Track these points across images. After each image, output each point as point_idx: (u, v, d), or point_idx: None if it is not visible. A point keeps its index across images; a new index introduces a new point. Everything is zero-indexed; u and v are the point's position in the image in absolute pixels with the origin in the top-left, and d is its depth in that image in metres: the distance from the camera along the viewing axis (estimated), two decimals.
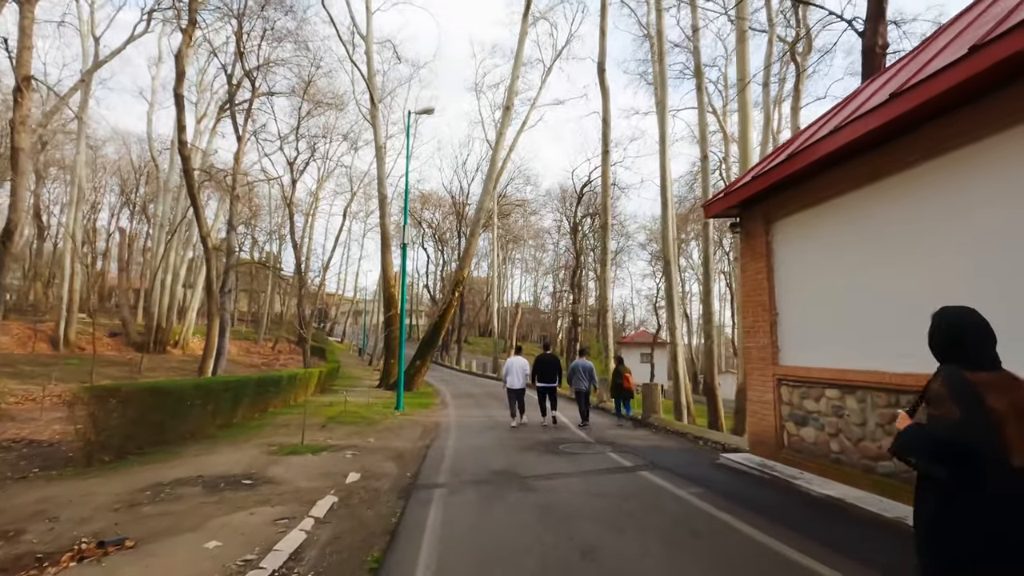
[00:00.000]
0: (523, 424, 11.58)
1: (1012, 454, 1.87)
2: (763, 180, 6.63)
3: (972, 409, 1.95)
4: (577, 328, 39.67)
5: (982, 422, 1.92)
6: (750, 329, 7.40)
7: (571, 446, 9.18)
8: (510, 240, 57.20)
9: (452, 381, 29.25)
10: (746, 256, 7.51)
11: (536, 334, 72.19)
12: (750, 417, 7.34)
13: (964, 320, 2.18)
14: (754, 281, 7.31)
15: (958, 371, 2.06)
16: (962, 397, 1.98)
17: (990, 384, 1.99)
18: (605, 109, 20.39)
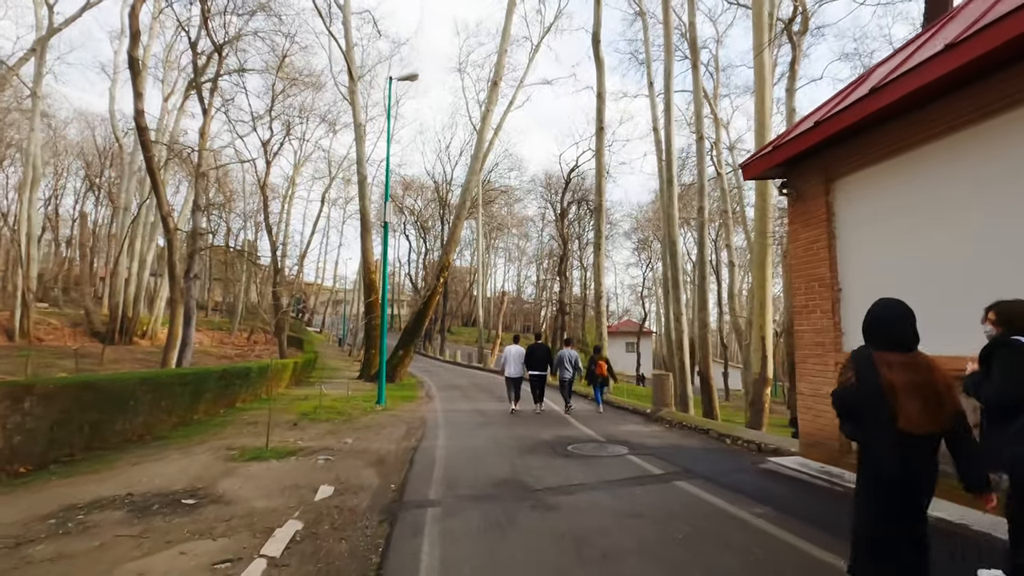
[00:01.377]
0: (518, 411, 11.80)
1: (899, 418, 2.47)
2: (828, 126, 5.37)
3: (865, 379, 2.57)
4: (564, 317, 38.50)
5: (874, 390, 2.52)
6: (802, 309, 6.17)
7: (581, 446, 7.91)
8: (494, 228, 55.74)
9: (436, 372, 27.88)
10: (797, 222, 6.26)
11: (520, 324, 71.04)
12: (803, 414, 6.12)
13: (886, 310, 2.73)
14: (808, 252, 6.07)
15: (867, 350, 2.68)
16: (860, 370, 2.60)
17: (895, 363, 2.55)
18: (600, 83, 19.06)
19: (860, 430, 2.65)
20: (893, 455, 2.49)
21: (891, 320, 2.68)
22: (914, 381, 2.49)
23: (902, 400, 2.45)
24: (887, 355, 2.57)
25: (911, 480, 2.50)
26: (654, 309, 58.45)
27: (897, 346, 2.62)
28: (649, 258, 49.72)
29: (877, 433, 2.53)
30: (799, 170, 6.16)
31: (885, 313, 2.71)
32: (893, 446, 2.48)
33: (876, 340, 2.68)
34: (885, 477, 2.53)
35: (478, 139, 22.32)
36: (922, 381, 2.50)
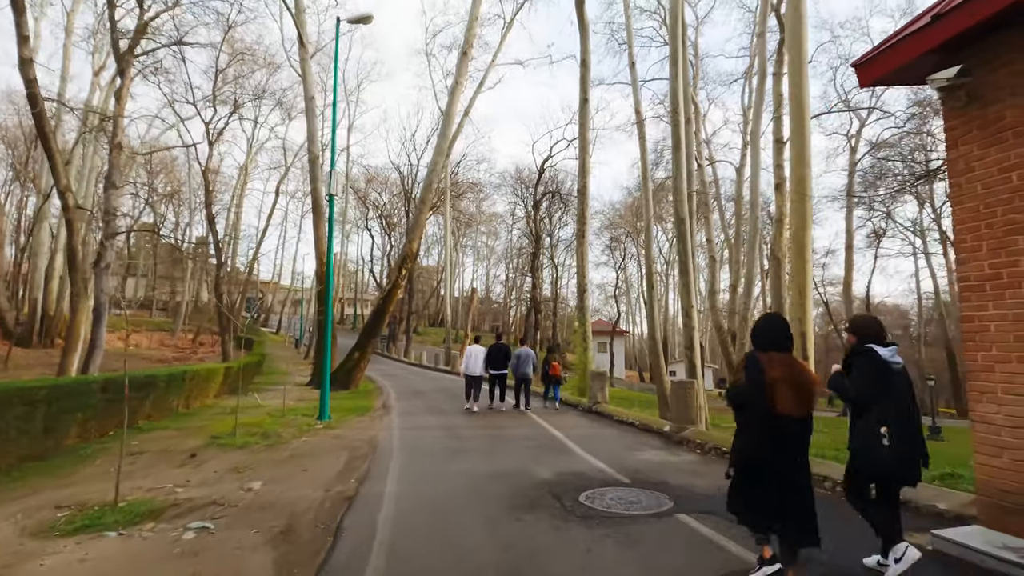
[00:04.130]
0: (474, 411, 11.78)
1: (775, 405, 3.07)
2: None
3: (752, 377, 3.16)
4: (537, 315, 35.93)
5: (759, 384, 3.12)
6: (985, 282, 3.66)
7: (601, 495, 5.22)
8: (462, 225, 52.80)
9: (399, 376, 24.88)
10: (973, 140, 3.76)
11: (489, 324, 68.31)
12: (987, 457, 3.62)
13: (769, 321, 3.43)
14: (1003, 185, 3.57)
15: (754, 352, 3.28)
16: (749, 369, 3.20)
17: (775, 361, 3.18)
18: (584, 49, 16.55)
19: (745, 415, 3.25)
20: (763, 432, 3.11)
21: (773, 328, 3.37)
22: (789, 375, 3.14)
23: (779, 390, 3.08)
24: (770, 355, 3.21)
25: (784, 454, 3.11)
26: (624, 309, 56.61)
27: (776, 348, 3.27)
28: (622, 257, 47.70)
29: (758, 415, 3.12)
30: (980, 53, 3.66)
31: (768, 323, 3.42)
32: (769, 427, 3.09)
33: (762, 344, 3.31)
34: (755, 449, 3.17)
35: (445, 117, 19.51)
36: (794, 375, 3.16)
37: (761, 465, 3.13)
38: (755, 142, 21.93)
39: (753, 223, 22.02)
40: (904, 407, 3.25)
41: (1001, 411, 3.56)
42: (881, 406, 3.22)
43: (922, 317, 44.26)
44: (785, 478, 3.11)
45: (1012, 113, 3.53)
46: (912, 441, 3.22)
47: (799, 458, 3.17)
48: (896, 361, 3.32)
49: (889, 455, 3.17)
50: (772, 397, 3.06)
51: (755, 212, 21.32)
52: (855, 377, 3.36)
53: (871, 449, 3.22)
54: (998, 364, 3.58)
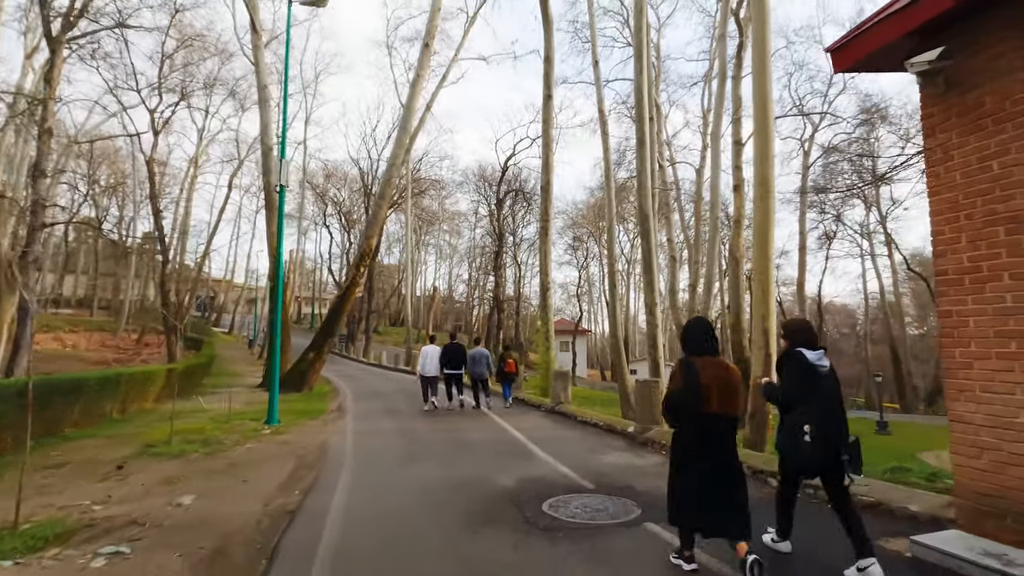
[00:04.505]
0: (431, 410, 11.86)
1: (708, 405, 3.32)
2: None
3: (688, 380, 3.38)
4: (500, 314, 35.58)
5: (695, 386, 3.35)
6: (964, 275, 3.51)
7: (565, 504, 4.89)
8: (424, 223, 51.94)
9: (357, 377, 24.10)
10: (952, 127, 3.59)
11: (451, 323, 67.59)
12: (966, 457, 3.46)
13: (696, 326, 3.69)
14: (982, 173, 3.41)
15: (687, 358, 3.51)
16: (685, 374, 3.42)
17: (704, 364, 3.42)
18: (548, 45, 16.29)
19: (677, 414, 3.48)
20: (695, 429, 3.37)
21: (700, 332, 3.62)
22: (719, 376, 3.38)
23: (712, 391, 3.32)
24: (701, 359, 3.46)
25: (714, 449, 3.35)
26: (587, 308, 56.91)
27: (704, 351, 3.52)
28: (584, 256, 47.86)
29: (693, 417, 3.36)
30: (959, 36, 3.50)
31: (696, 328, 3.68)
32: (698, 424, 3.36)
33: (692, 348, 3.55)
34: (688, 445, 3.42)
35: (406, 110, 18.91)
36: (723, 377, 3.40)
37: (696, 463, 3.34)
38: (715, 144, 22.18)
39: (713, 223, 22.27)
40: (829, 407, 3.40)
41: (980, 410, 3.40)
42: (806, 406, 3.39)
43: (868, 316, 46.10)
44: (717, 474, 3.33)
45: (992, 99, 3.38)
46: (834, 439, 3.37)
47: (729, 454, 3.42)
48: (823, 364, 3.50)
49: (811, 452, 3.34)
50: (707, 398, 3.31)
51: (715, 212, 21.56)
52: (783, 378, 3.60)
53: (795, 446, 3.41)
54: (977, 361, 3.43)
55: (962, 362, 3.50)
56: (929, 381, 41.62)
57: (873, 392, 36.37)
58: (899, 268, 39.54)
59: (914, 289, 43.87)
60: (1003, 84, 3.32)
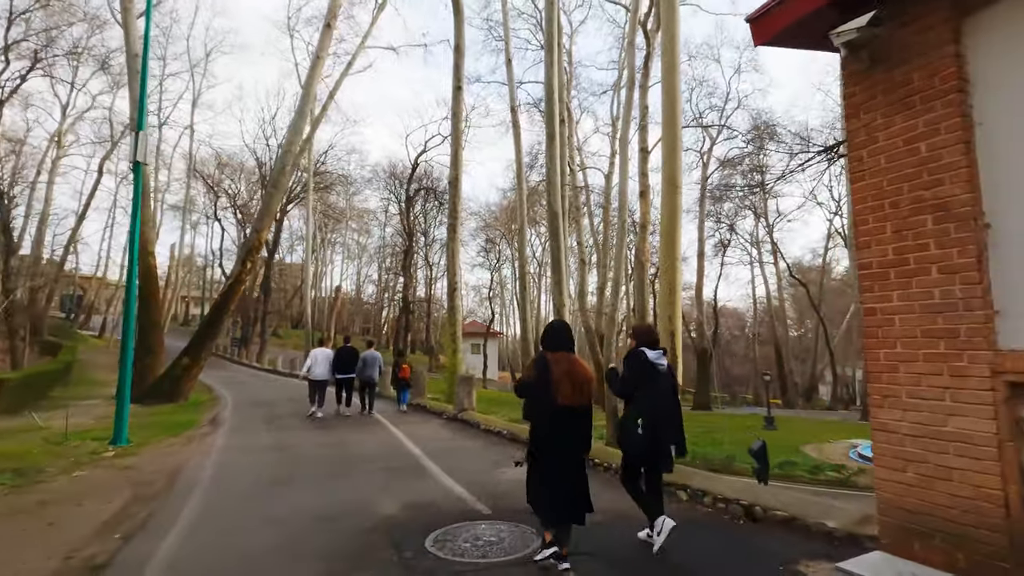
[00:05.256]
0: (320, 417, 11.29)
1: (558, 397, 3.46)
2: None
3: (540, 372, 3.55)
4: (409, 316, 34.17)
5: (546, 380, 3.50)
6: (890, 268, 3.17)
7: (454, 537, 4.11)
8: (331, 219, 49.14)
9: (246, 384, 21.87)
10: (877, 107, 3.25)
11: (359, 325, 64.67)
12: (888, 470, 3.10)
13: (556, 327, 3.93)
14: (909, 156, 3.08)
15: (543, 353, 3.69)
16: (538, 367, 3.58)
17: (557, 359, 3.59)
18: (458, 34, 15.52)
19: (533, 408, 3.63)
20: (550, 421, 3.50)
21: (558, 332, 3.83)
22: (569, 371, 3.55)
23: (562, 384, 3.48)
24: (555, 354, 3.63)
25: (565, 439, 3.52)
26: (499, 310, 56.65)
27: (561, 348, 3.69)
28: (496, 258, 47.47)
29: (543, 407, 3.50)
30: (887, 7, 3.16)
31: (555, 328, 3.92)
32: (552, 415, 3.48)
33: (549, 345, 3.74)
34: (543, 438, 3.54)
35: (304, 92, 17.33)
36: (574, 371, 3.57)
37: (549, 455, 3.51)
38: (623, 149, 22.51)
39: (620, 228, 22.56)
40: (662, 403, 3.81)
41: (906, 418, 3.06)
42: (642, 399, 3.76)
43: (756, 319, 49.63)
44: (566, 462, 3.53)
45: (920, 75, 3.06)
46: (665, 432, 3.78)
47: (578, 444, 3.60)
48: (661, 363, 3.89)
49: (642, 442, 3.71)
50: (556, 391, 3.46)
51: (623, 216, 21.83)
52: (625, 371, 3.96)
53: (630, 436, 3.78)
54: (903, 364, 3.09)
55: (887, 365, 3.16)
56: (806, 379, 45.46)
57: (761, 389, 38.99)
58: (783, 275, 42.82)
59: (794, 295, 47.75)
60: (932, 59, 3.01)
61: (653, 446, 3.72)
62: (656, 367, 3.82)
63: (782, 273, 42.77)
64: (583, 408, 3.59)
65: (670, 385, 3.93)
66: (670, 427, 3.80)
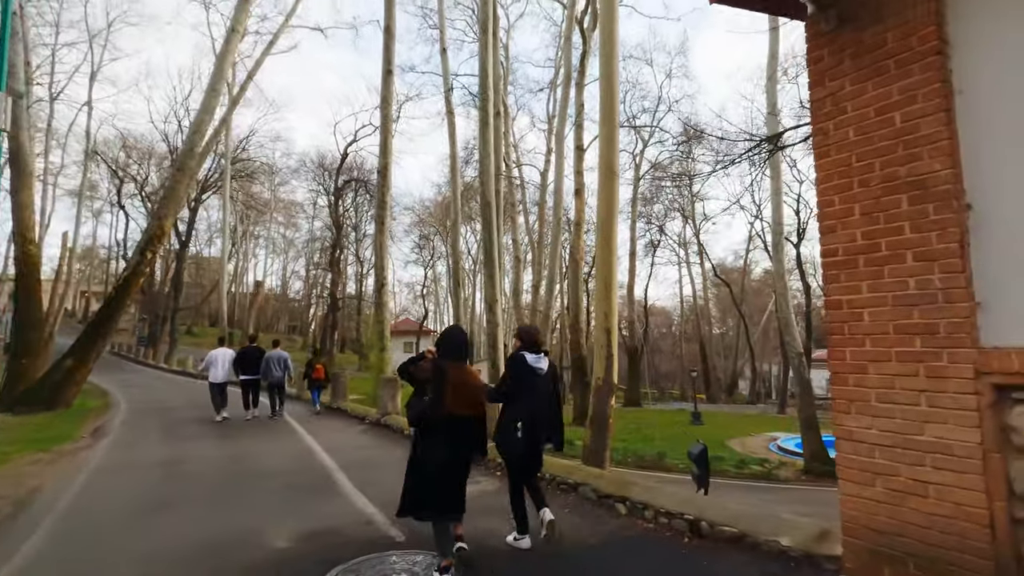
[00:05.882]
0: (227, 419, 10.51)
1: (449, 407, 3.41)
2: None
3: (436, 378, 3.47)
4: (336, 313, 32.49)
5: (439, 388, 3.43)
6: (858, 254, 2.78)
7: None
8: (254, 210, 46.13)
9: (150, 387, 19.81)
10: (843, 74, 2.85)
11: (285, 323, 61.43)
12: (857, 479, 2.71)
13: (452, 334, 3.91)
14: (881, 128, 2.70)
15: (441, 360, 3.61)
16: (433, 375, 3.50)
17: (452, 368, 3.55)
18: (389, 15, 14.58)
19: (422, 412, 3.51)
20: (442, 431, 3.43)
21: (453, 340, 3.82)
22: (464, 383, 3.57)
23: (455, 393, 3.46)
24: (449, 363, 3.58)
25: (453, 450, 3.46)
26: (433, 308, 55.48)
27: (455, 357, 3.68)
28: (431, 255, 46.33)
29: (438, 414, 3.42)
30: None
31: (451, 336, 3.89)
32: (444, 425, 3.42)
33: (445, 353, 3.68)
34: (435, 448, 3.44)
35: (217, 67, 15.76)
36: (466, 381, 3.62)
37: (434, 462, 3.43)
38: (559, 144, 22.33)
39: (555, 225, 22.35)
40: (540, 405, 3.87)
41: (875, 425, 2.68)
42: (521, 401, 3.82)
43: (683, 317, 51.41)
44: (451, 468, 3.47)
45: (895, 36, 2.69)
46: (540, 433, 3.88)
47: (465, 451, 3.58)
48: (540, 366, 3.92)
49: (521, 444, 3.78)
50: (451, 400, 3.44)
51: (557, 213, 21.62)
52: (504, 376, 4.05)
53: (508, 438, 3.83)
54: (873, 363, 2.70)
55: (854, 364, 2.77)
56: (728, 375, 47.56)
57: (687, 385, 40.29)
58: (708, 275, 44.50)
59: (718, 294, 49.82)
60: (909, 18, 2.64)
61: (531, 448, 3.82)
62: (535, 370, 3.88)
63: (707, 273, 44.44)
64: (474, 417, 3.60)
65: (549, 388, 3.98)
66: (546, 428, 3.92)
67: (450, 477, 3.45)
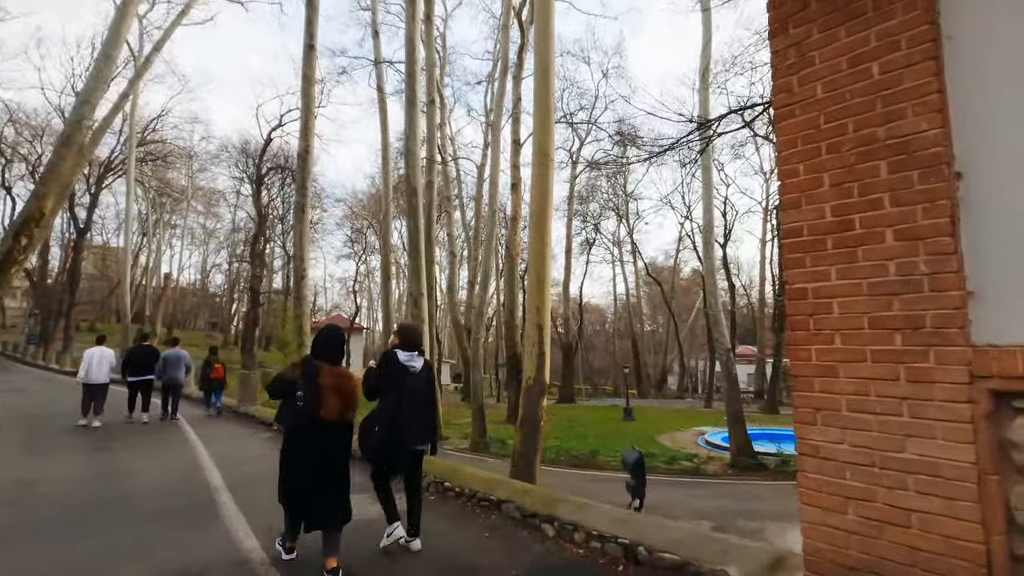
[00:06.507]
0: (96, 427, 9.34)
1: (322, 411, 3.29)
2: None
3: (308, 381, 3.36)
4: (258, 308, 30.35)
5: (312, 390, 3.32)
6: (829, 232, 2.29)
7: None
8: (168, 198, 42.51)
9: (28, 391, 17.44)
10: (810, 17, 2.38)
11: (205, 319, 57.40)
12: (824, 503, 2.23)
13: (328, 335, 3.70)
14: (853, 82, 2.23)
15: (312, 360, 3.50)
16: (306, 375, 3.40)
17: (326, 371, 3.40)
18: None
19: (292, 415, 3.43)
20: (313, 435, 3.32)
21: (329, 341, 3.64)
22: (336, 387, 3.39)
23: (327, 397, 3.32)
24: (323, 365, 3.44)
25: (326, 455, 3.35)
26: (366, 304, 53.54)
27: (329, 359, 3.52)
28: (363, 249, 44.53)
29: (306, 418, 3.31)
30: None
31: (327, 336, 3.68)
32: (314, 428, 3.30)
33: (319, 353, 3.54)
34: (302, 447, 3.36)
35: (112, 32, 13.90)
36: (340, 384, 3.43)
37: (306, 466, 3.33)
38: (495, 139, 21.72)
39: (491, 218, 21.73)
40: (408, 406, 3.75)
41: (846, 439, 2.20)
42: (387, 399, 3.75)
43: (617, 315, 52.35)
44: (324, 474, 3.35)
45: None
46: (410, 433, 3.76)
47: (340, 456, 3.46)
48: (414, 364, 3.84)
49: (376, 442, 3.70)
50: (322, 402, 3.31)
51: (493, 207, 21.01)
52: (375, 373, 3.88)
53: (365, 436, 3.79)
54: (844, 365, 2.23)
55: (821, 366, 2.29)
56: (658, 370, 48.87)
57: (620, 381, 40.92)
58: (640, 274, 45.44)
59: (649, 292, 51.07)
60: None
61: (386, 446, 3.71)
62: (407, 368, 3.80)
63: (640, 272, 45.36)
64: (348, 421, 3.51)
65: (421, 386, 3.89)
66: (415, 429, 3.80)
67: (322, 487, 3.33)
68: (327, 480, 3.35)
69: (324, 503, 3.32)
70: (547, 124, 7.07)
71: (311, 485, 3.30)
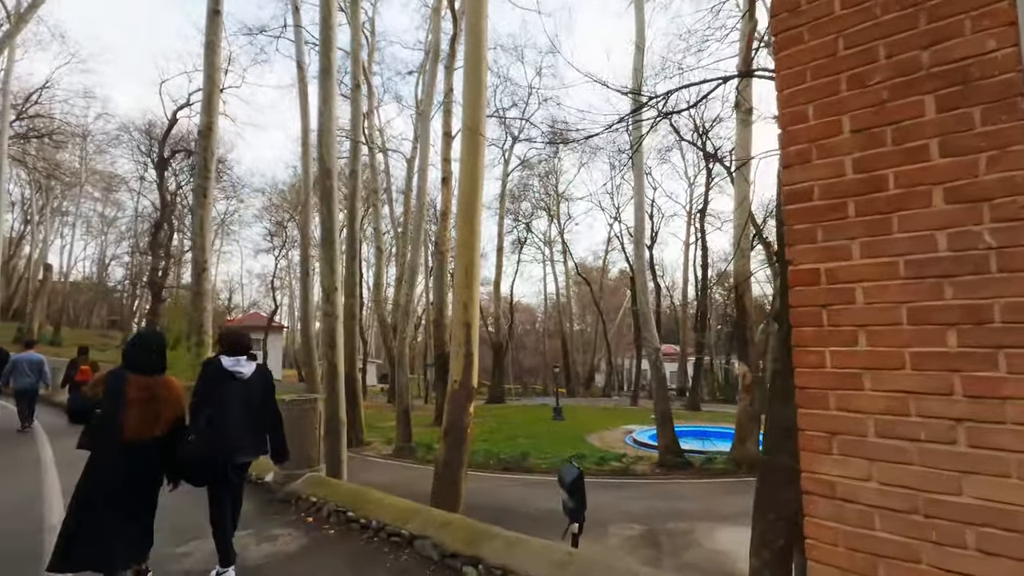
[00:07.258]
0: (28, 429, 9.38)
1: (125, 429, 2.92)
2: None
3: (111, 394, 2.97)
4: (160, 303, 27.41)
5: (115, 403, 2.94)
6: (849, 195, 1.67)
7: None
8: (57, 180, 37.75)
9: None
10: None
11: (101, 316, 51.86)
12: (844, 565, 1.61)
13: (140, 341, 3.37)
14: None
15: (120, 370, 3.10)
16: (109, 386, 2.99)
17: (137, 383, 3.01)
18: None
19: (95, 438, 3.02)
20: (120, 459, 2.95)
21: (141, 348, 3.24)
22: (150, 398, 3.03)
23: (133, 411, 2.94)
24: (134, 376, 3.06)
25: (132, 481, 2.99)
26: (287, 301, 50.46)
27: (141, 369, 3.13)
28: (283, 243, 41.74)
29: (109, 439, 2.94)
30: None
31: (139, 343, 3.33)
32: (119, 450, 2.93)
33: (129, 363, 3.14)
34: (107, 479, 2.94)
35: None
36: (152, 398, 3.04)
37: (110, 497, 2.95)
38: (424, 130, 20.72)
39: (419, 213, 20.68)
40: (230, 415, 3.44)
41: (875, 475, 1.60)
42: (211, 407, 3.42)
43: (547, 314, 52.42)
44: (133, 504, 3.04)
45: None
46: (224, 444, 3.38)
47: (149, 485, 3.13)
48: (239, 370, 3.56)
49: (195, 454, 3.31)
50: (128, 417, 2.98)
51: (422, 200, 20.01)
52: (196, 382, 3.61)
53: (183, 448, 3.36)
54: (871, 373, 1.63)
55: (838, 375, 1.68)
56: (587, 369, 49.45)
57: (550, 380, 40.91)
58: (571, 273, 45.73)
59: (578, 292, 51.58)
60: None
61: (201, 461, 3.35)
62: (232, 375, 3.52)
63: (570, 272, 45.65)
64: (162, 441, 3.13)
65: (248, 396, 3.55)
66: (241, 439, 3.46)
67: (133, 519, 3.01)
68: (137, 508, 3.03)
69: (135, 534, 3.01)
70: (478, 100, 6.30)
71: (121, 517, 2.92)
